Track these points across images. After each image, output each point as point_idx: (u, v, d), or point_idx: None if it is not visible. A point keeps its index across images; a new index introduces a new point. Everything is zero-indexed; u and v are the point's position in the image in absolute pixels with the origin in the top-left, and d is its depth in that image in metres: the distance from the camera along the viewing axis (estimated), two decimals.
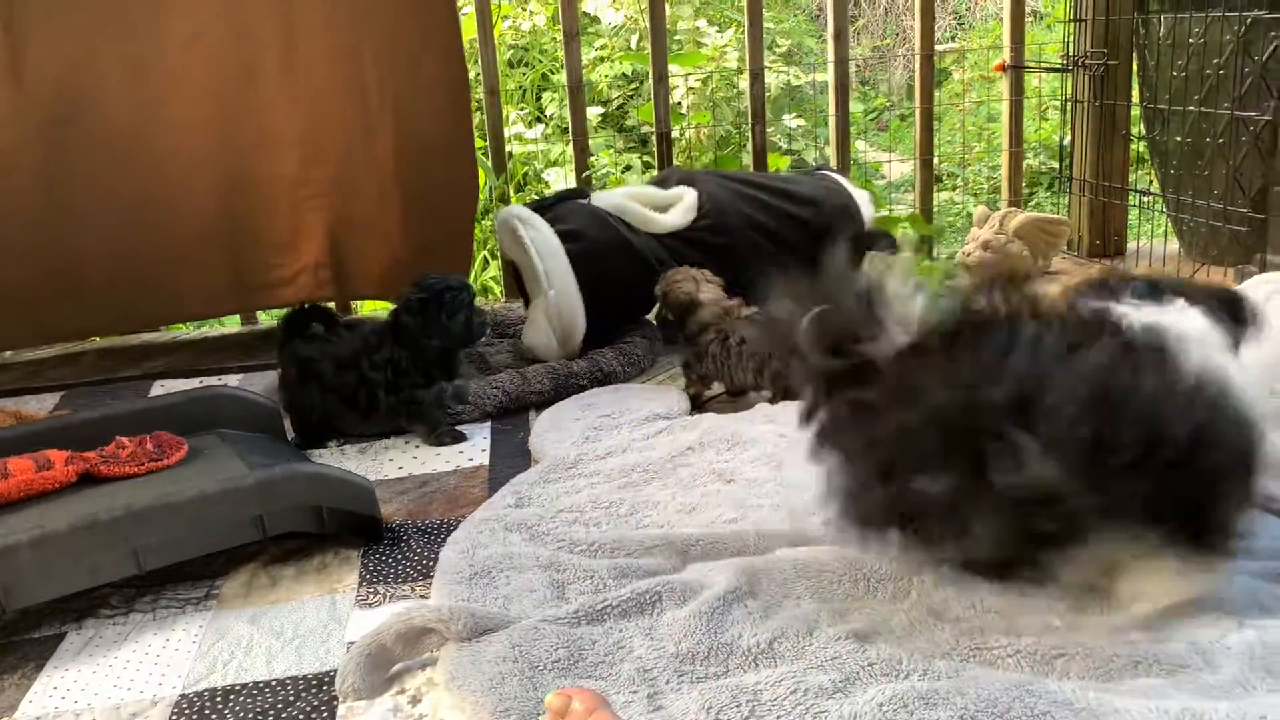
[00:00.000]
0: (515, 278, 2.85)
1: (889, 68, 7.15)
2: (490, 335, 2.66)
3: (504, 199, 3.40)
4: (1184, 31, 2.88)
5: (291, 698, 1.41)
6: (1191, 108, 2.89)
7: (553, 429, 2.23)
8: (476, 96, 3.31)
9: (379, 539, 1.80)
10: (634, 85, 5.43)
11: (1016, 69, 3.41)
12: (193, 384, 2.65)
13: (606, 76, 5.32)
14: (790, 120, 5.31)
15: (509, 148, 4.26)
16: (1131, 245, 3.32)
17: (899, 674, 1.30)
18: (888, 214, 3.48)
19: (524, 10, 5.05)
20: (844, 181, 2.97)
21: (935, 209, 3.58)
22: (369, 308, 3.41)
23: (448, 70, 2.94)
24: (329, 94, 2.88)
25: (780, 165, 4.01)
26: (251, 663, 1.49)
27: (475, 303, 2.36)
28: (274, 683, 1.45)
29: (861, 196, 2.90)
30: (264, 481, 1.70)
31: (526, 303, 2.76)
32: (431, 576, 1.67)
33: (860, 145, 5.72)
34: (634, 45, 5.30)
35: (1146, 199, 3.27)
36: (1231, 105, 2.76)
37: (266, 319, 3.30)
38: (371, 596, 1.65)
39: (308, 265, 3.01)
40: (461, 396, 2.32)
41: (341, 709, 1.38)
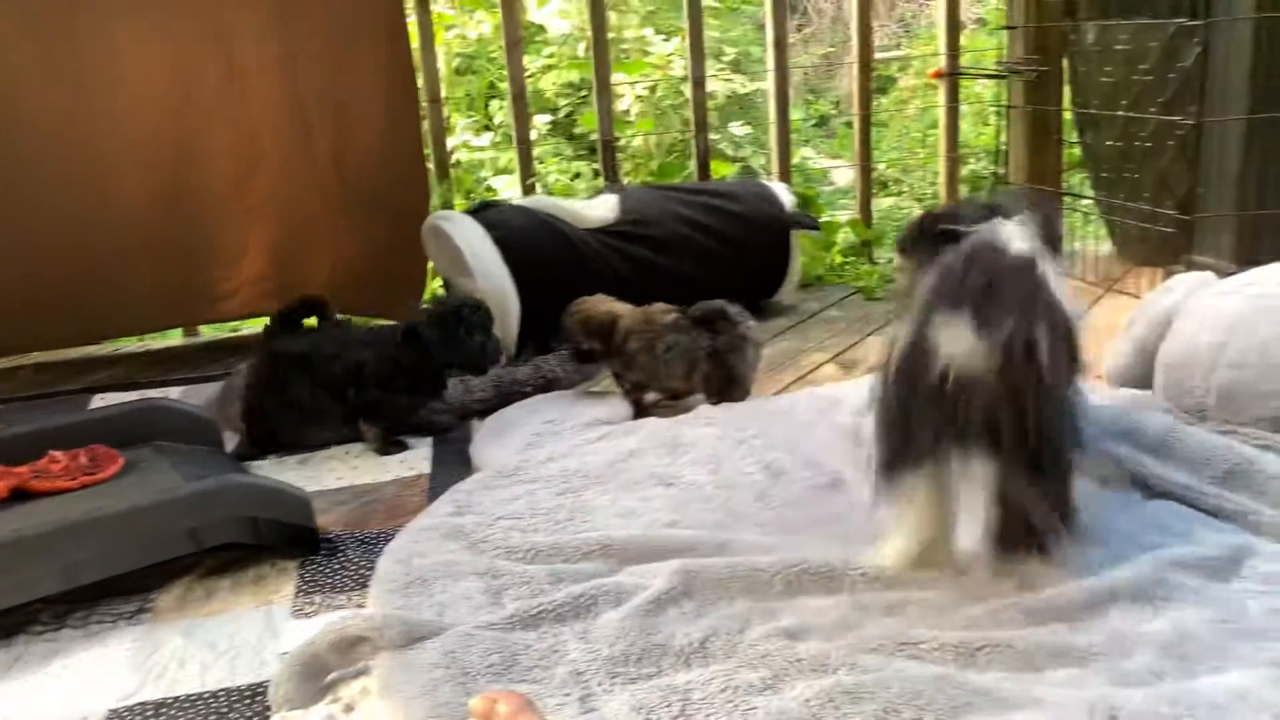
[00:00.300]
0: None
1: (836, 75, 7.23)
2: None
3: (448, 207, 3.40)
4: (1112, 38, 2.96)
5: (225, 709, 1.41)
6: (1120, 112, 2.96)
7: (494, 436, 2.23)
8: (420, 104, 3.31)
9: (316, 550, 1.80)
10: (582, 93, 5.45)
11: (953, 76, 3.47)
12: (133, 397, 2.62)
13: (554, 84, 5.33)
14: (737, 128, 5.36)
15: (456, 155, 4.27)
16: (1066, 248, 3.39)
17: (827, 669, 1.33)
18: (829, 219, 3.53)
19: (470, 18, 5.05)
20: (765, 181, 3.14)
21: (877, 215, 3.63)
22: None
23: (393, 78, 2.94)
24: (268, 104, 2.87)
25: (726, 172, 4.05)
26: (184, 675, 1.48)
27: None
28: (207, 695, 1.44)
29: (779, 187, 3.06)
30: (198, 493, 1.69)
31: None
32: (369, 586, 1.66)
33: (807, 152, 5.78)
34: (581, 54, 5.31)
35: (1080, 202, 3.33)
36: (1158, 110, 2.83)
37: (209, 331, 3.27)
38: (307, 607, 1.64)
39: (249, 278, 2.99)
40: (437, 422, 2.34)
41: (275, 719, 1.38)
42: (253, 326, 3.24)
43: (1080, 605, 1.42)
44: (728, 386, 2.27)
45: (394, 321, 2.47)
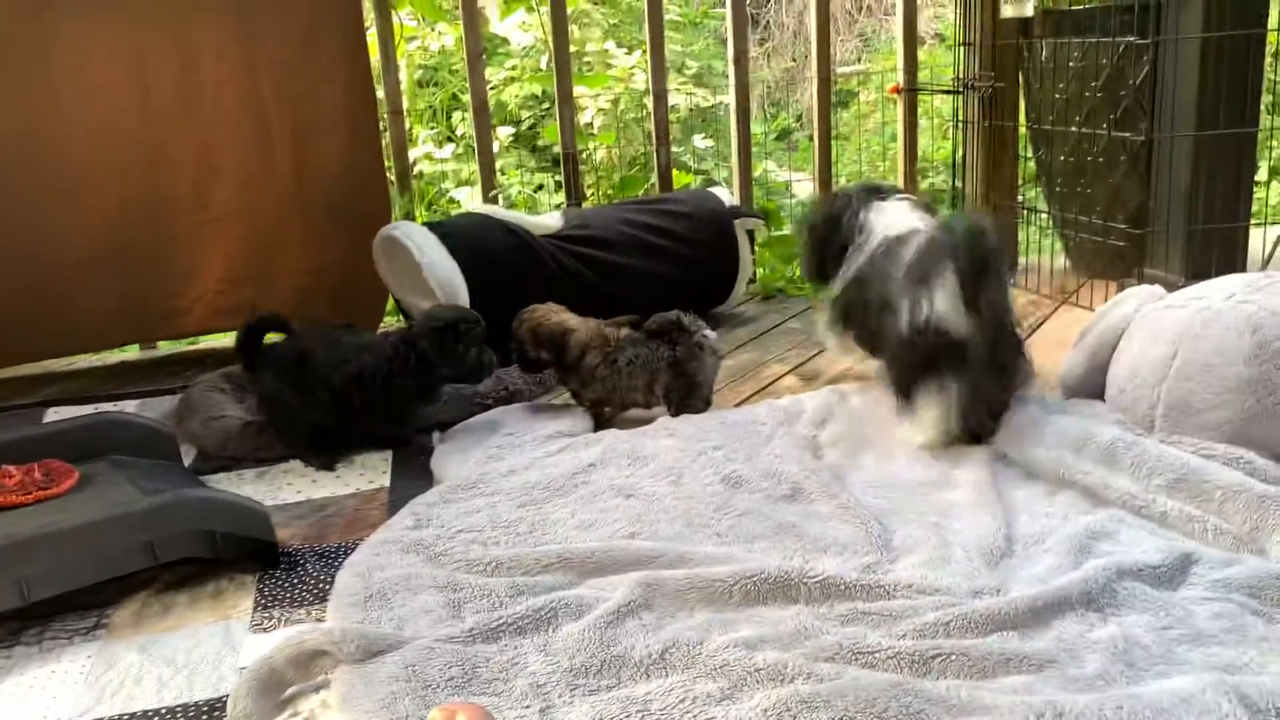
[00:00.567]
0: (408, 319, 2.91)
1: (798, 89, 7.30)
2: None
3: (409, 218, 3.40)
4: (1065, 55, 3.02)
5: None
6: (1073, 128, 3.02)
7: (455, 449, 2.23)
8: (381, 116, 3.31)
9: (275, 564, 1.79)
10: (545, 106, 5.46)
11: (910, 91, 3.52)
12: (88, 411, 2.59)
13: (517, 97, 5.34)
14: (700, 141, 5.39)
15: (418, 167, 4.26)
16: (1021, 261, 3.44)
17: (784, 679, 1.34)
18: (789, 232, 3.56)
19: (432, 30, 5.04)
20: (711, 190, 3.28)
21: None
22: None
23: (352, 90, 2.93)
24: (225, 116, 2.85)
25: (688, 183, 4.07)
26: (141, 691, 1.47)
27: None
28: (164, 710, 1.43)
29: (720, 190, 3.23)
30: (154, 507, 1.68)
31: None
32: (328, 600, 1.66)
33: (770, 165, 5.82)
34: (544, 66, 5.33)
35: (1036, 216, 3.39)
36: (1109, 126, 2.89)
37: (166, 345, 3.24)
38: (266, 621, 1.64)
39: (206, 292, 2.97)
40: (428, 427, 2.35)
41: None
42: (211, 341, 3.22)
43: (1030, 613, 1.45)
44: (688, 395, 2.28)
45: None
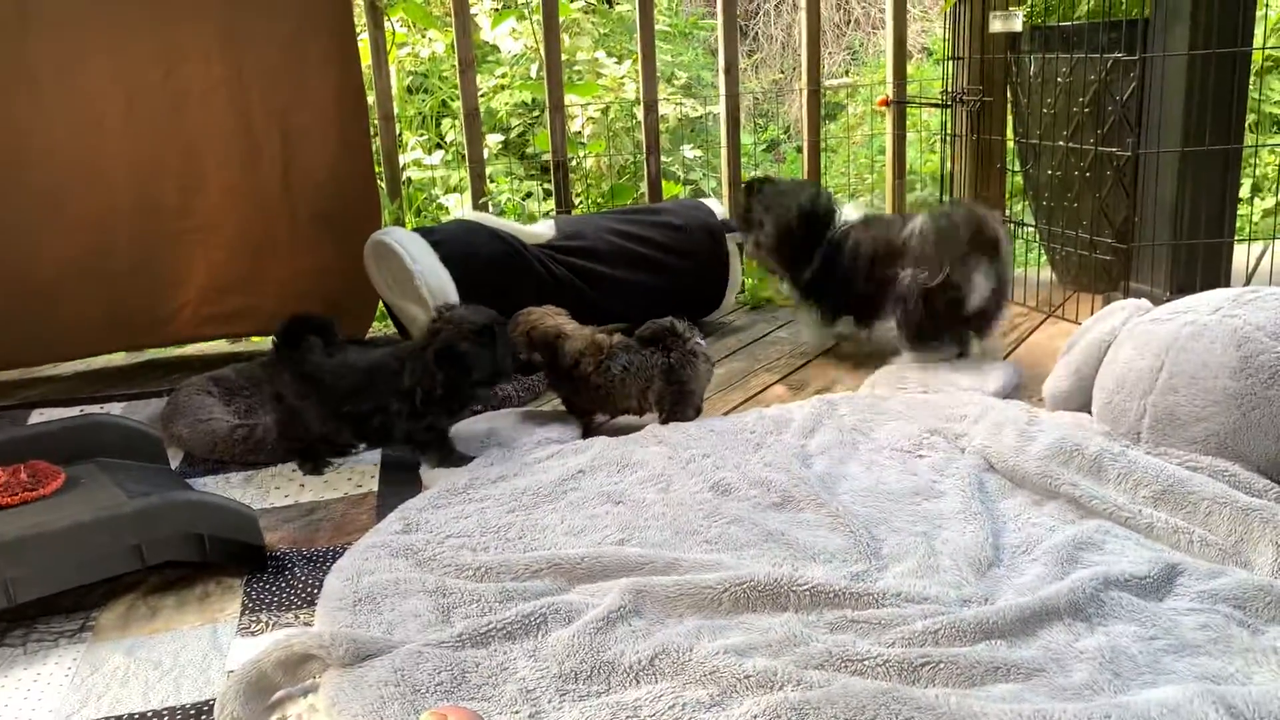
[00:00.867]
0: (398, 324, 2.91)
1: (786, 100, 7.33)
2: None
3: (399, 224, 3.40)
4: (1053, 70, 3.04)
5: None
6: (1060, 143, 3.05)
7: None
8: (372, 122, 3.31)
9: (262, 567, 1.79)
10: (534, 114, 5.47)
11: (899, 104, 3.54)
12: (73, 412, 2.58)
13: (507, 104, 5.35)
14: (689, 151, 5.41)
15: (407, 174, 4.26)
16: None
17: (774, 686, 1.34)
18: None
19: (423, 37, 5.05)
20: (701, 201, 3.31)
21: None
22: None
23: (343, 97, 2.93)
24: (212, 123, 2.84)
25: (676, 193, 4.09)
26: (127, 694, 1.46)
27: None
28: (150, 714, 1.42)
29: (712, 202, 3.25)
30: (142, 510, 1.67)
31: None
32: (316, 604, 1.65)
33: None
34: (534, 74, 5.34)
35: (1022, 229, 3.41)
36: (1096, 141, 2.92)
37: (154, 350, 3.22)
38: (254, 625, 1.63)
39: (192, 300, 2.96)
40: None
41: None
42: (198, 345, 3.20)
43: (1018, 622, 1.45)
44: (680, 403, 2.29)
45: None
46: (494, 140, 5.04)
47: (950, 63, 3.39)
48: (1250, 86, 2.82)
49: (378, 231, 2.78)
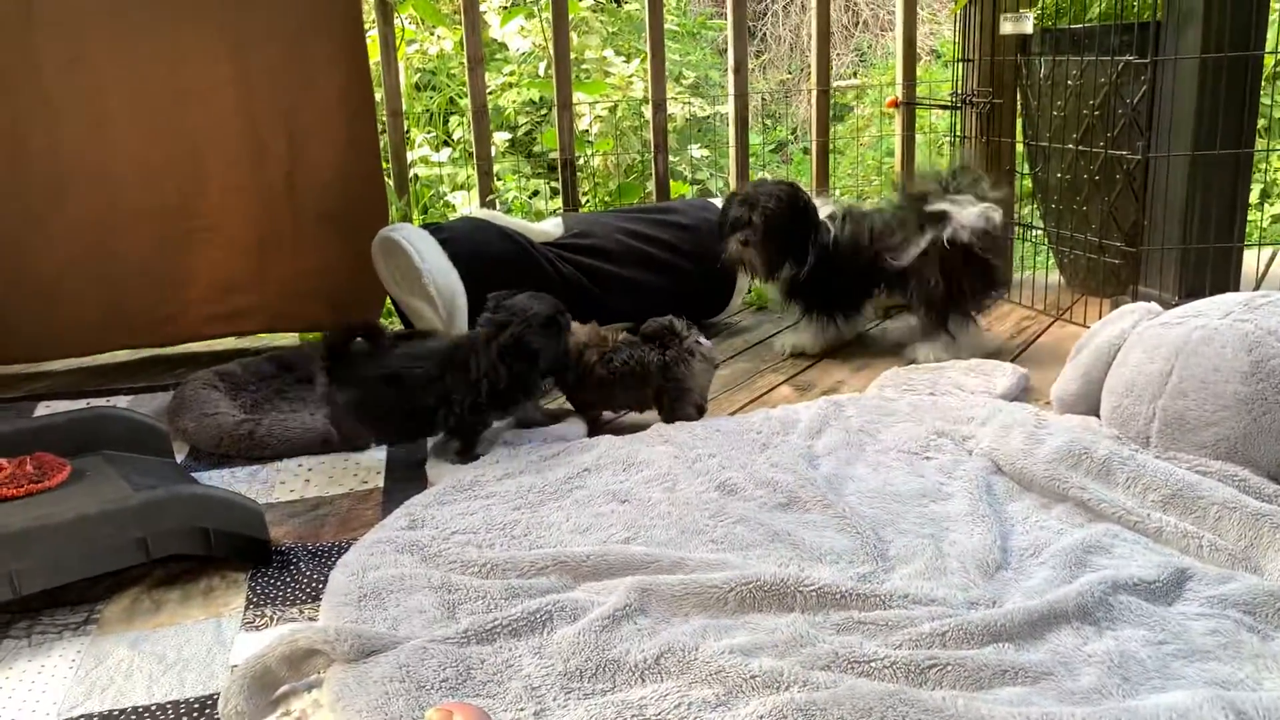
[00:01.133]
0: (405, 321, 2.90)
1: (793, 101, 7.33)
2: None
3: (406, 220, 3.39)
4: (1063, 73, 3.03)
5: None
6: (1070, 146, 3.04)
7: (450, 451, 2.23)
8: (380, 118, 3.30)
9: (267, 562, 1.78)
10: (542, 112, 5.47)
11: (908, 105, 3.53)
12: (79, 405, 2.58)
13: (514, 102, 5.35)
14: (695, 150, 5.41)
15: (414, 170, 4.26)
16: (1016, 276, 3.45)
17: (779, 686, 1.34)
18: None
19: (431, 35, 5.05)
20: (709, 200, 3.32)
21: None
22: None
23: (349, 95, 2.92)
24: (217, 121, 2.84)
25: (683, 192, 4.08)
26: (131, 687, 1.46)
27: None
28: (154, 707, 1.42)
29: (718, 200, 3.22)
30: (147, 503, 1.67)
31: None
32: (321, 599, 1.65)
33: (765, 176, 5.83)
34: (542, 72, 5.34)
35: (1031, 232, 3.41)
36: (1106, 144, 2.91)
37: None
38: (258, 620, 1.63)
39: (197, 299, 2.96)
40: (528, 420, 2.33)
41: None
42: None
43: (1026, 625, 1.45)
44: (679, 400, 2.29)
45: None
46: (501, 138, 5.04)
47: (960, 64, 3.38)
48: (1262, 91, 2.81)
49: (386, 228, 2.77)
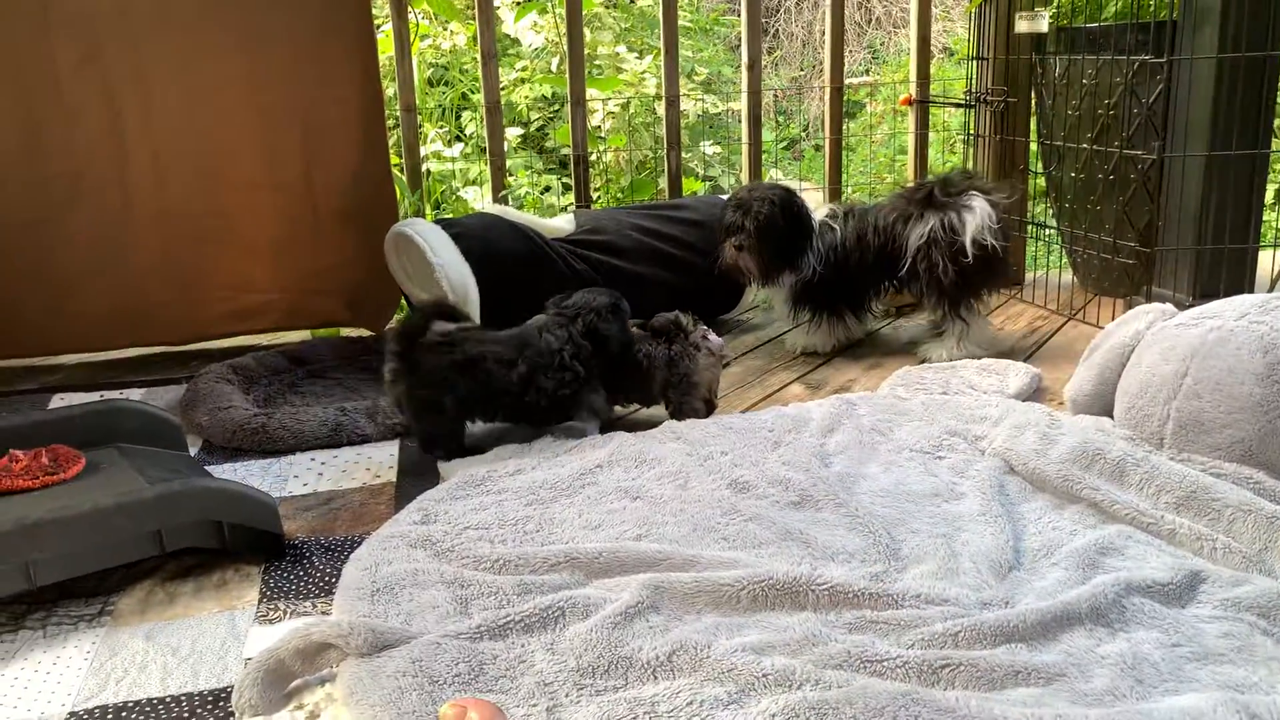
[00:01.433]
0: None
1: (805, 98, 7.31)
2: None
3: (419, 215, 3.40)
4: (1078, 72, 3.02)
5: (186, 714, 1.39)
6: (1084, 145, 3.03)
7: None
8: (394, 114, 3.31)
9: (281, 555, 1.79)
10: (554, 107, 5.47)
11: (922, 103, 3.52)
12: (94, 398, 2.59)
13: (527, 98, 5.35)
14: (708, 147, 5.40)
15: (426, 166, 4.26)
16: (1029, 276, 3.45)
17: (792, 685, 1.34)
18: None
19: (444, 30, 5.05)
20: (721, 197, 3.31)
21: None
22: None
23: (364, 95, 2.93)
24: (231, 119, 2.84)
25: (696, 189, 4.08)
26: (145, 679, 1.47)
27: None
28: (169, 699, 1.43)
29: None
30: (162, 496, 1.67)
31: None
32: (334, 593, 1.66)
33: (776, 174, 5.83)
34: (554, 68, 5.34)
35: (1044, 231, 3.40)
36: (1121, 144, 2.90)
37: None
38: (272, 613, 1.63)
39: (210, 297, 2.97)
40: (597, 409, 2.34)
41: None
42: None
43: (1039, 626, 1.44)
44: (687, 394, 2.29)
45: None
46: (514, 133, 5.04)
47: (975, 63, 3.37)
48: (1278, 91, 2.80)
49: (399, 223, 2.78)
